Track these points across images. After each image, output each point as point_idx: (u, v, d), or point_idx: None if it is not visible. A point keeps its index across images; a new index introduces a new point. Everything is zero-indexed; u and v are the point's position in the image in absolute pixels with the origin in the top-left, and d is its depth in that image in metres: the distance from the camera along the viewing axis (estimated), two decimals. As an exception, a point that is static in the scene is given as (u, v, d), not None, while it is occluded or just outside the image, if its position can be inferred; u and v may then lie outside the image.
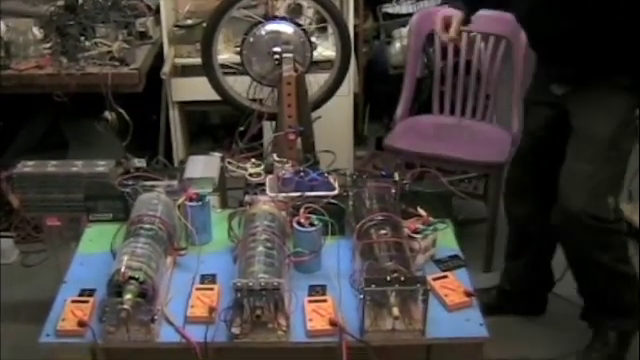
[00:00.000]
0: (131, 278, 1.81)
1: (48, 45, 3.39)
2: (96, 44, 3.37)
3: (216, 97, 3.14)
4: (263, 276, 1.80)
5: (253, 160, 2.46)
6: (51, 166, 2.47)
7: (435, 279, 1.98)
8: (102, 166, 2.44)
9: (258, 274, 1.81)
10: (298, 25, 2.96)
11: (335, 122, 3.60)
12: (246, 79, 3.01)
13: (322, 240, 2.05)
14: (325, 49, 3.46)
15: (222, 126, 4.34)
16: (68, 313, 1.87)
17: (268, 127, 3.22)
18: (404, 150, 3.30)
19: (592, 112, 2.45)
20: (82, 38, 3.39)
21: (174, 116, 3.82)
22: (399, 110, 3.54)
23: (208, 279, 1.99)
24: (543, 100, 2.62)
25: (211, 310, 1.85)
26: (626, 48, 2.32)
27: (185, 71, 3.73)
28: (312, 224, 2.04)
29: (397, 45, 4.10)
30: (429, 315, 1.80)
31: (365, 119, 4.37)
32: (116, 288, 1.80)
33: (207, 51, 3.00)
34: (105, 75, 3.22)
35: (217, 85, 3.07)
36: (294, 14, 3.42)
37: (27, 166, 2.48)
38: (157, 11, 3.67)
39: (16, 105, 3.53)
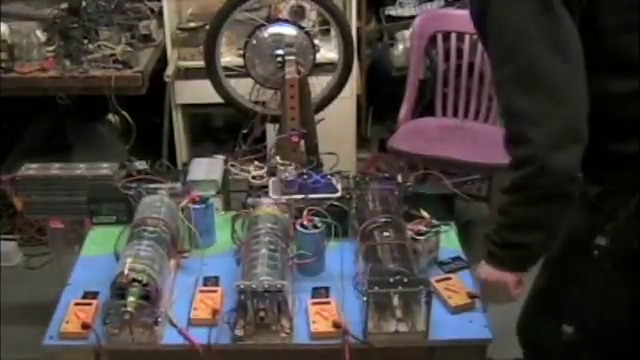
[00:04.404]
0: (134, 280, 1.81)
1: (51, 48, 3.40)
2: (99, 47, 3.37)
3: (219, 100, 3.14)
4: (266, 278, 1.80)
5: (256, 162, 2.46)
6: (55, 169, 2.47)
7: (438, 281, 1.98)
8: (106, 169, 2.44)
9: (261, 276, 1.81)
10: (301, 28, 2.95)
11: (338, 124, 3.59)
12: (249, 81, 3.01)
13: (325, 242, 2.05)
14: (328, 51, 3.46)
15: (225, 129, 4.34)
16: (71, 315, 1.87)
17: (271, 129, 3.22)
18: (407, 152, 3.30)
19: None
20: (85, 41, 3.39)
21: (177, 119, 3.82)
22: (402, 112, 3.54)
23: (211, 281, 1.99)
24: None
25: (214, 312, 1.85)
26: None
27: (188, 74, 3.73)
28: (315, 226, 2.04)
29: (400, 47, 4.10)
30: (432, 317, 1.80)
31: (368, 121, 4.37)
32: (119, 290, 1.81)
33: (210, 54, 3.00)
34: (108, 78, 3.23)
35: (220, 88, 3.07)
36: (297, 17, 3.43)
37: (31, 169, 2.48)
38: (160, 14, 3.68)
39: (20, 108, 3.54)
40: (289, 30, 2.93)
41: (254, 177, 2.38)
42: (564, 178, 1.61)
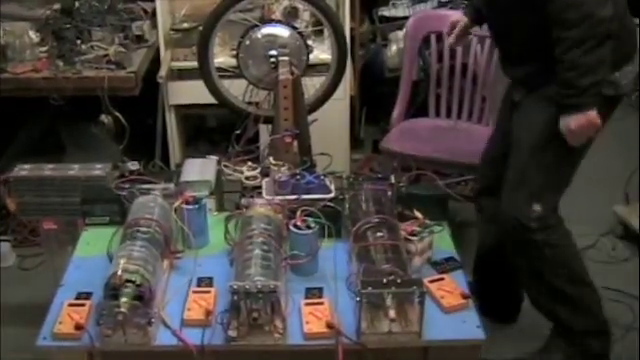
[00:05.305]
0: (128, 281, 1.81)
1: (45, 49, 3.40)
2: (92, 47, 3.37)
3: (212, 100, 3.14)
4: (260, 279, 1.80)
5: (249, 163, 2.46)
6: (48, 169, 2.47)
7: (431, 281, 1.99)
8: (99, 169, 2.43)
9: (255, 277, 1.81)
10: (294, 28, 2.96)
11: (331, 125, 3.60)
12: (242, 82, 3.01)
13: (319, 243, 2.05)
14: (321, 52, 3.46)
15: (218, 129, 4.33)
16: (65, 316, 1.87)
17: (264, 130, 3.22)
18: (400, 153, 3.30)
19: (520, 120, 2.46)
20: (78, 42, 3.39)
21: (170, 119, 3.82)
22: (395, 113, 3.55)
23: (205, 282, 2.00)
24: (509, 105, 2.60)
25: (208, 313, 1.86)
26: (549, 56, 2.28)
27: (181, 74, 3.73)
28: (309, 227, 2.04)
29: (393, 48, 4.10)
30: (426, 317, 1.80)
31: (361, 122, 4.38)
32: (113, 291, 1.81)
33: (203, 54, 3.00)
34: (102, 78, 3.22)
35: (213, 88, 3.07)
36: (290, 17, 3.42)
37: (24, 169, 2.48)
38: (153, 15, 3.68)
39: (13, 109, 3.53)
40: (282, 31, 2.93)
41: (247, 178, 2.38)
42: (609, 22, 2.15)
